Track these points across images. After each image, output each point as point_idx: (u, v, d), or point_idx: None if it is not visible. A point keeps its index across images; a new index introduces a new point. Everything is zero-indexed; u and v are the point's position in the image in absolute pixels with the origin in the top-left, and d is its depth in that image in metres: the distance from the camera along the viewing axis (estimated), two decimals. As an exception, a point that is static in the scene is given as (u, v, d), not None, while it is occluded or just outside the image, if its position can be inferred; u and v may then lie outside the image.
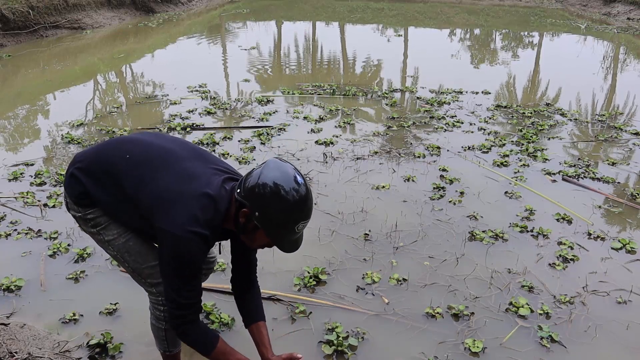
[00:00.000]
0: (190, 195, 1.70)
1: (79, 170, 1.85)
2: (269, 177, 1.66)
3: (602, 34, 11.79)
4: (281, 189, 1.64)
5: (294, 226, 1.69)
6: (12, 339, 2.42)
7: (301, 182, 1.68)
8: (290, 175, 1.67)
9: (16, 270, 3.03)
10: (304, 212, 1.69)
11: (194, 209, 1.68)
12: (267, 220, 1.67)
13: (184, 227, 1.66)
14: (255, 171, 1.71)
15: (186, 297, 1.75)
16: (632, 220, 3.83)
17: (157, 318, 2.03)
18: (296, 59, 9.80)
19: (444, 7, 16.09)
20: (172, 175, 1.75)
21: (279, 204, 1.65)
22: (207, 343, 1.85)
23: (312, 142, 5.11)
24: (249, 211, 1.68)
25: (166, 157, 1.81)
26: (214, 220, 1.72)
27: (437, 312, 2.76)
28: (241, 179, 1.74)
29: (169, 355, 2.15)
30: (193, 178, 1.75)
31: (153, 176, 1.76)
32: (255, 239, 1.77)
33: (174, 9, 13.82)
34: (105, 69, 8.37)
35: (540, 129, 5.64)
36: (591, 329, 2.69)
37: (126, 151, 1.84)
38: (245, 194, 1.68)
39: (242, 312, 2.08)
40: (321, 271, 3.05)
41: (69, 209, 1.93)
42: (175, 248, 1.68)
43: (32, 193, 3.96)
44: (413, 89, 7.24)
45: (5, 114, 6.07)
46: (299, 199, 1.66)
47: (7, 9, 9.09)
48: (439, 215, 3.78)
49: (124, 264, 1.95)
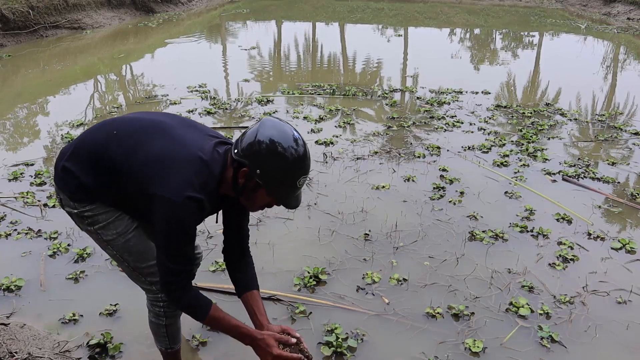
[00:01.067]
0: (183, 160, 1.69)
1: (68, 161, 1.81)
2: (266, 135, 1.65)
3: (602, 34, 11.79)
4: (279, 146, 1.64)
5: (295, 181, 1.69)
6: (12, 339, 2.42)
7: (298, 137, 1.68)
8: (288, 132, 1.67)
9: (16, 270, 3.03)
10: (304, 167, 1.69)
11: (188, 174, 1.66)
12: (268, 176, 1.67)
13: (178, 191, 1.64)
14: (250, 130, 1.69)
15: (179, 263, 1.73)
16: (632, 220, 3.83)
17: (157, 314, 2.02)
18: (296, 59, 9.80)
19: (444, 7, 16.09)
20: (163, 142, 1.73)
21: (278, 161, 1.65)
22: (200, 308, 1.82)
23: (312, 142, 5.10)
24: (248, 170, 1.67)
25: (155, 127, 1.79)
26: (209, 185, 1.70)
27: (438, 312, 2.76)
28: (237, 140, 1.73)
29: (170, 352, 2.14)
30: (184, 144, 1.73)
31: (143, 145, 1.73)
32: (256, 199, 1.75)
33: (174, 9, 13.82)
34: (105, 69, 8.37)
35: (540, 128, 5.64)
36: (591, 329, 2.69)
37: (113, 128, 1.82)
38: (244, 153, 1.67)
39: (235, 281, 2.04)
40: (321, 271, 3.05)
41: (64, 206, 1.89)
42: (169, 213, 1.65)
43: (32, 193, 3.96)
44: (413, 89, 7.24)
45: (5, 114, 6.07)
46: (298, 155, 1.66)
47: (7, 9, 9.09)
48: (439, 215, 3.78)
49: (124, 263, 1.94)
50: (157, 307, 2.00)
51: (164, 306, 1.99)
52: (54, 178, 1.89)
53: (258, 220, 3.61)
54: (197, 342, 2.53)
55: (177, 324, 2.10)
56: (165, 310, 2.00)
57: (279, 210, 3.77)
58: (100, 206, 1.84)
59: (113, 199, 1.82)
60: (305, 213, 3.77)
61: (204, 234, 3.44)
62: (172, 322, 2.06)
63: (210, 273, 3.06)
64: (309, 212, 3.79)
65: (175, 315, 2.06)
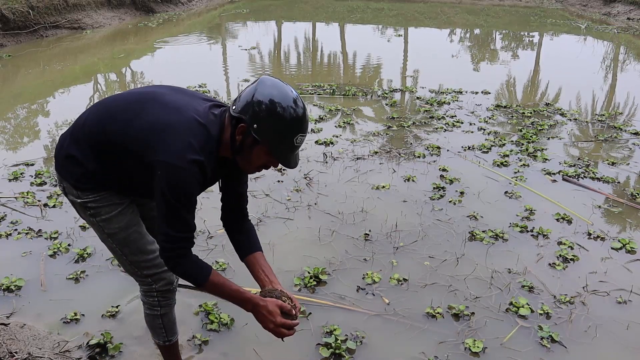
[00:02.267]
0: (179, 124, 1.68)
1: (69, 148, 1.81)
2: (265, 94, 1.65)
3: (602, 34, 11.79)
4: (278, 106, 1.65)
5: (293, 138, 1.69)
6: (12, 339, 2.42)
7: (297, 97, 1.69)
8: (288, 92, 1.68)
9: (16, 270, 3.03)
10: (302, 127, 1.70)
11: (186, 137, 1.66)
12: (266, 133, 1.66)
13: (178, 155, 1.63)
14: (249, 88, 1.70)
15: (179, 230, 1.70)
16: (632, 220, 3.83)
17: (151, 305, 2.03)
18: (296, 59, 9.80)
19: (444, 7, 16.09)
20: (157, 110, 1.72)
21: (277, 120, 1.65)
22: (199, 274, 1.77)
23: (312, 142, 5.10)
24: (246, 126, 1.67)
25: (146, 97, 1.79)
26: (208, 146, 1.70)
27: (438, 312, 2.76)
28: (235, 98, 1.74)
29: (168, 345, 2.15)
30: (178, 108, 1.72)
31: (138, 116, 1.72)
32: (253, 156, 1.74)
33: (174, 9, 13.82)
34: (105, 69, 8.38)
35: (540, 128, 5.64)
36: (591, 329, 2.69)
37: (105, 107, 1.83)
38: (242, 110, 1.67)
39: (236, 246, 2.02)
40: (321, 271, 3.05)
41: (67, 194, 1.88)
42: (170, 177, 1.64)
43: (32, 193, 3.96)
44: (413, 89, 7.24)
45: (5, 114, 6.07)
46: (297, 116, 1.67)
47: (7, 9, 9.09)
48: (439, 215, 3.78)
49: (122, 257, 1.94)
50: (151, 297, 2.01)
51: (158, 296, 2.00)
52: (56, 167, 1.88)
53: (258, 220, 3.61)
54: (198, 341, 2.53)
55: (172, 314, 2.11)
56: (160, 299, 2.01)
57: (279, 210, 3.78)
58: (104, 197, 1.84)
59: (117, 181, 1.82)
60: (305, 213, 3.77)
61: (204, 233, 3.44)
62: (167, 311, 2.07)
63: (211, 273, 3.06)
64: (309, 212, 3.79)
65: (170, 304, 2.07)
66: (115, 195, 1.86)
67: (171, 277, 2.01)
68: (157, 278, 1.97)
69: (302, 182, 4.24)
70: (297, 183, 4.22)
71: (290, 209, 3.82)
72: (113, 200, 1.86)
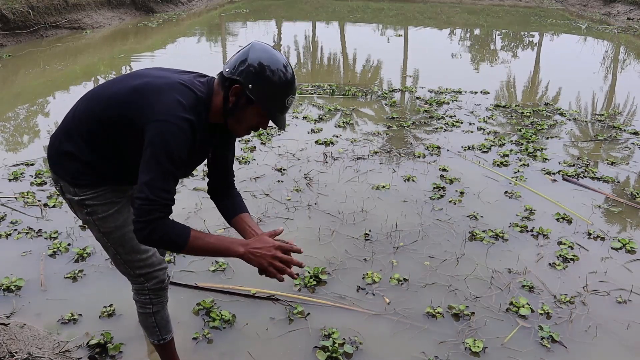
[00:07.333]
0: (167, 86, 1.72)
1: (63, 143, 1.82)
2: (256, 58, 1.71)
3: (602, 34, 11.80)
4: (267, 69, 1.71)
5: (284, 99, 1.76)
6: (12, 339, 2.42)
7: (287, 63, 1.76)
8: (278, 57, 1.74)
9: (16, 270, 3.03)
10: (292, 87, 1.77)
11: (173, 97, 1.68)
12: (261, 91, 1.72)
13: (168, 112, 1.65)
14: (240, 52, 1.75)
15: (158, 194, 1.64)
16: (632, 219, 3.83)
17: (143, 303, 2.05)
18: (296, 59, 9.80)
19: (444, 7, 16.10)
20: (143, 78, 1.77)
21: (270, 79, 1.71)
22: (178, 236, 1.67)
23: (312, 142, 5.10)
24: (241, 86, 1.72)
25: (131, 74, 1.85)
26: (197, 108, 1.73)
27: (438, 312, 2.76)
28: (227, 62, 1.78)
29: (163, 344, 2.15)
30: (162, 77, 1.77)
31: (124, 85, 1.77)
32: (246, 117, 1.78)
33: (174, 9, 13.82)
34: (105, 69, 8.37)
35: (539, 128, 5.64)
36: (591, 328, 2.69)
37: (90, 93, 1.86)
38: (235, 71, 1.72)
39: (223, 212, 2.02)
40: (321, 271, 3.05)
41: (64, 194, 1.88)
42: (160, 134, 1.63)
43: (32, 193, 3.96)
44: (413, 89, 7.24)
45: (5, 114, 6.07)
46: (287, 79, 1.74)
47: (7, 9, 9.09)
48: (439, 215, 3.78)
49: (116, 256, 1.95)
50: (143, 296, 2.03)
51: (150, 294, 2.02)
52: (51, 167, 1.88)
53: (258, 220, 3.61)
54: (199, 340, 2.53)
55: (165, 312, 2.12)
56: (152, 297, 2.03)
57: (279, 210, 3.77)
58: (101, 195, 1.85)
59: (113, 169, 1.83)
60: (305, 213, 3.77)
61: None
62: (159, 309, 2.08)
63: (211, 273, 3.06)
64: (309, 212, 3.79)
65: (162, 302, 2.08)
66: (111, 192, 1.87)
67: (163, 276, 2.03)
68: (150, 277, 1.99)
69: (302, 182, 4.24)
70: (297, 183, 4.22)
71: (290, 209, 3.82)
72: (110, 198, 1.87)
